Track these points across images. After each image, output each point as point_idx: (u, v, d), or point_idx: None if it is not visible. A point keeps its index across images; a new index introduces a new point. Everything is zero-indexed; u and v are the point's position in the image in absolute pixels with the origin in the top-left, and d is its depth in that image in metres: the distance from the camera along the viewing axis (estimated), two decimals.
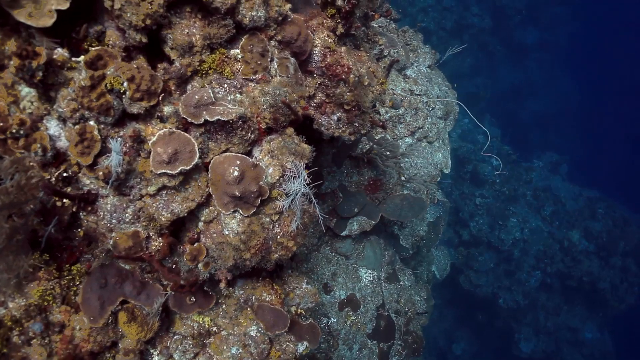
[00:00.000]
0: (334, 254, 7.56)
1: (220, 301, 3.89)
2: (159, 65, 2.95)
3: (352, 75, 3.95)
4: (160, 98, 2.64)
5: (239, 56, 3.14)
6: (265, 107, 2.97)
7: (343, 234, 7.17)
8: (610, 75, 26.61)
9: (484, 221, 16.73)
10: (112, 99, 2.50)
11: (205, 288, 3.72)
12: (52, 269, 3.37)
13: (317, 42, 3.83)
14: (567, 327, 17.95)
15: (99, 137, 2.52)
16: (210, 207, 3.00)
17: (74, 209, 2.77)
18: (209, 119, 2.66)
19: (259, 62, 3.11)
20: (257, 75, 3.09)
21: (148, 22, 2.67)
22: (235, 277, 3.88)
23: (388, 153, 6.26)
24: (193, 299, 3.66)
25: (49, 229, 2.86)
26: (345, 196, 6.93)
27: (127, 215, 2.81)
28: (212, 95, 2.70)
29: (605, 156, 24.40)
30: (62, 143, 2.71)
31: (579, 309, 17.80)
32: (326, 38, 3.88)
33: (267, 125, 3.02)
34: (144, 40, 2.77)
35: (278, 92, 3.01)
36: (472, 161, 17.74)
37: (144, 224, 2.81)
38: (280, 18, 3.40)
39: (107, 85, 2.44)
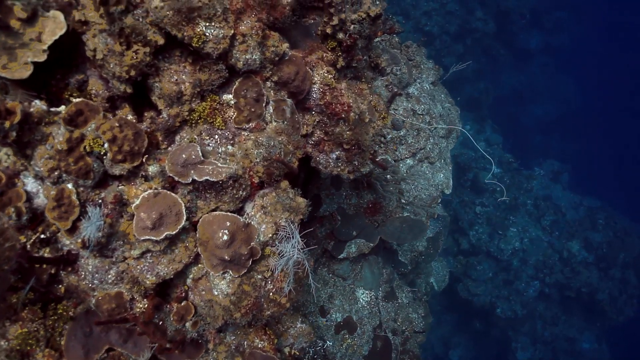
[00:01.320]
0: (331, 275, 7.42)
1: (210, 348, 3.73)
2: (145, 114, 2.76)
3: (352, 114, 3.76)
4: (144, 159, 2.46)
5: (232, 102, 2.94)
6: (258, 160, 2.79)
7: (341, 256, 7.02)
8: (613, 81, 26.34)
9: (484, 230, 16.58)
10: (91, 161, 2.32)
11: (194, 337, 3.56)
12: (36, 309, 3.19)
13: (316, 78, 3.64)
14: (564, 337, 17.88)
15: (77, 202, 2.34)
16: (199, 265, 2.82)
17: (52, 271, 2.59)
18: (197, 178, 2.47)
19: (252, 110, 2.91)
20: (250, 124, 2.90)
21: (133, 73, 2.48)
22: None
23: (389, 177, 6.08)
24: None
25: (26, 289, 2.69)
26: (344, 219, 6.76)
27: (109, 276, 2.63)
28: (200, 153, 2.51)
29: (607, 163, 24.18)
30: (41, 200, 2.53)
31: (577, 319, 17.71)
32: (326, 74, 3.69)
33: (260, 180, 2.84)
34: (129, 90, 2.58)
35: (272, 143, 2.82)
36: (472, 169, 17.55)
37: (127, 286, 2.63)
38: (276, 58, 3.20)
39: (86, 147, 2.25)
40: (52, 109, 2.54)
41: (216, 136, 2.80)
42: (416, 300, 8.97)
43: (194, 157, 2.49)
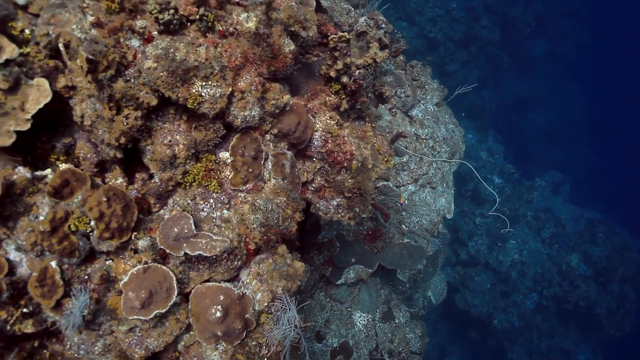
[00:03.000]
0: (328, 299, 7.30)
1: None
2: (137, 175, 2.61)
3: (354, 162, 3.62)
4: (133, 235, 2.31)
5: (229, 160, 2.79)
6: (255, 226, 2.65)
7: (339, 282, 6.90)
8: (618, 91, 26.12)
9: (483, 242, 16.46)
10: (77, 240, 2.17)
11: None
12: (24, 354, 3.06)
13: (318, 125, 3.49)
14: (560, 348, 17.83)
15: (61, 282, 2.19)
16: (191, 332, 2.69)
17: (35, 344, 2.45)
18: (190, 253, 2.33)
19: (250, 170, 2.76)
20: (247, 185, 2.75)
21: (123, 140, 2.32)
22: None
23: (391, 205, 5.94)
24: None
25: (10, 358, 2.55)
26: (343, 246, 6.63)
27: (96, 348, 2.50)
28: (192, 227, 2.37)
29: (609, 175, 24.00)
30: (24, 270, 2.38)
31: (574, 331, 17.65)
32: (328, 120, 3.54)
33: (257, 246, 2.70)
34: (119, 156, 2.43)
35: (270, 207, 2.67)
36: (473, 179, 17.39)
37: (115, 359, 2.50)
38: (277, 111, 3.05)
39: (71, 226, 2.11)
40: (37, 173, 2.39)
41: (211, 200, 2.66)
42: (413, 320, 8.88)
43: (186, 230, 2.35)
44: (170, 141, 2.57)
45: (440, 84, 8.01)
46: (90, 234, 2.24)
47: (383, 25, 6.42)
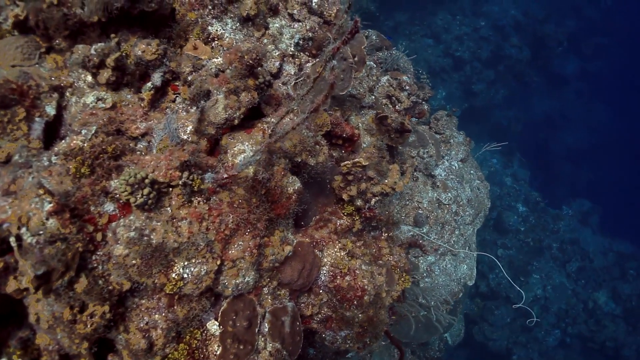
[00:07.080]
0: None
1: None
2: (109, 358, 2.23)
3: (366, 297, 3.17)
4: None
5: (217, 332, 2.39)
6: None
7: (349, 355, 6.45)
8: None
9: (504, 275, 15.73)
10: None
11: None
12: None
13: (326, 260, 3.05)
14: None
15: None
16: None
17: None
18: None
19: (241, 347, 2.36)
20: None
21: (85, 346, 1.94)
22: None
23: (407, 295, 5.48)
24: None
25: None
26: None
27: None
28: None
29: None
30: None
31: None
32: (338, 253, 3.09)
33: None
34: (84, 352, 2.05)
35: None
36: (496, 207, 16.66)
37: None
38: (277, 264, 2.63)
39: None
40: None
41: None
42: None
43: None
44: (147, 323, 2.18)
45: (467, 136, 7.45)
46: None
47: (407, 87, 5.91)
